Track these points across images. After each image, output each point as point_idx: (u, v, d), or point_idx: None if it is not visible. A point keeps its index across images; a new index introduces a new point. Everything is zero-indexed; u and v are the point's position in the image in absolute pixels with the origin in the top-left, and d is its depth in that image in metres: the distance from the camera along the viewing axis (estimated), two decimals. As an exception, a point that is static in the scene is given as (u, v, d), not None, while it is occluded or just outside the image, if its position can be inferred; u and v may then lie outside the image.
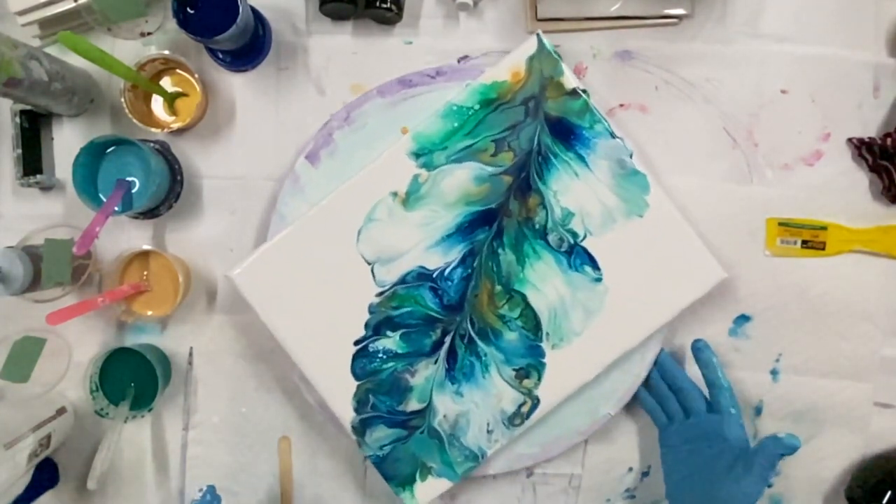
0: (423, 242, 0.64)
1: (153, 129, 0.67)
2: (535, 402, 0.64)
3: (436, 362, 0.65)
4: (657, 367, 0.67)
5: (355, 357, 0.65)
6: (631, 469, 0.71)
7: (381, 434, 0.65)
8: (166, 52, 0.66)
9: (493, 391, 0.64)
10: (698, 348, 0.64)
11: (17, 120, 0.67)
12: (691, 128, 0.69)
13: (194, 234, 0.70)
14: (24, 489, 0.66)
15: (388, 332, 0.64)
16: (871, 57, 0.69)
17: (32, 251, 0.63)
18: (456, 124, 0.64)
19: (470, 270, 0.64)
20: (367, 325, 0.64)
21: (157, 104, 0.70)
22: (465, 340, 0.64)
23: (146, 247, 0.67)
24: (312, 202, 0.66)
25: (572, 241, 0.64)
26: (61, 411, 0.68)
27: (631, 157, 0.63)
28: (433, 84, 0.67)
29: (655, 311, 0.64)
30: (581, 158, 0.64)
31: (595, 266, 0.64)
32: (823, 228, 0.69)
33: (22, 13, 0.66)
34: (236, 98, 0.70)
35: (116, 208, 0.62)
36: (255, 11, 0.67)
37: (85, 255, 0.67)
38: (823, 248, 0.69)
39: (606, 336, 0.64)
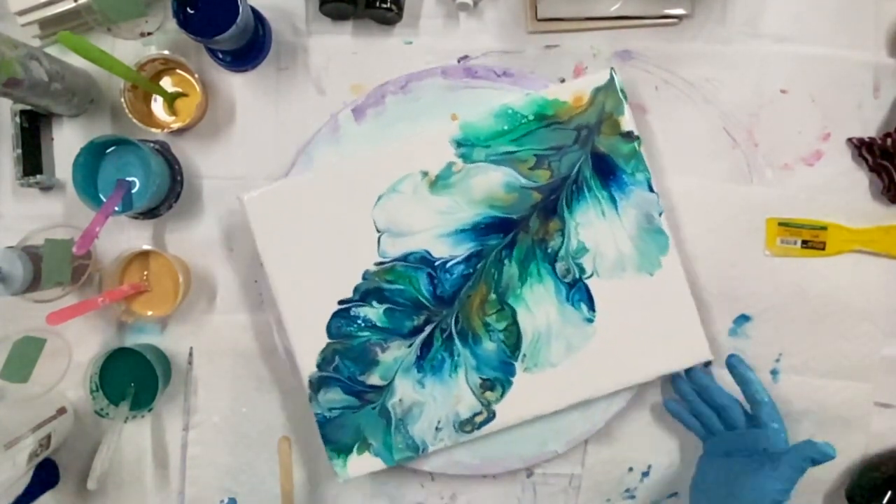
0: (436, 229, 0.64)
1: (153, 129, 0.67)
2: (491, 416, 0.64)
3: (409, 346, 0.64)
4: (693, 383, 0.66)
5: (335, 315, 0.64)
6: (631, 469, 0.71)
7: (334, 397, 0.65)
8: (166, 52, 0.66)
9: (455, 392, 0.64)
10: (733, 364, 0.63)
11: (17, 120, 0.67)
12: (691, 128, 0.69)
13: (194, 234, 0.70)
14: (24, 489, 0.66)
15: (374, 303, 0.64)
16: (871, 57, 0.69)
17: (32, 251, 0.63)
18: (505, 127, 0.64)
19: (471, 271, 0.64)
20: (356, 289, 0.64)
21: (157, 104, 0.70)
22: (444, 335, 0.64)
23: (146, 247, 0.67)
24: (343, 154, 0.66)
25: (577, 276, 0.64)
26: (61, 411, 0.68)
27: (660, 215, 0.63)
28: (497, 82, 0.67)
29: (633, 369, 0.65)
30: (613, 200, 0.64)
31: (591, 307, 0.64)
32: (823, 228, 0.69)
33: (22, 13, 0.66)
34: (236, 98, 0.70)
35: (116, 208, 0.62)
36: (255, 11, 0.67)
37: (85, 255, 0.67)
38: (823, 248, 0.69)
39: (579, 377, 0.64)
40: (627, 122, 0.63)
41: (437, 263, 0.64)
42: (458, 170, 0.64)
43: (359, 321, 0.64)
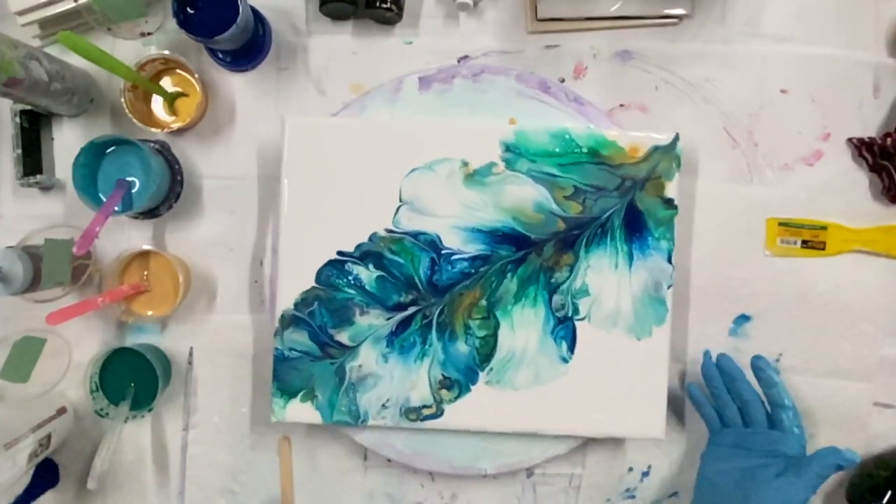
0: (455, 219, 0.64)
1: (153, 129, 0.67)
2: (438, 414, 0.65)
3: (387, 319, 0.64)
4: (721, 371, 0.65)
5: (329, 263, 0.64)
6: (631, 469, 0.71)
7: (300, 339, 0.64)
8: (166, 52, 0.66)
9: (413, 378, 0.64)
10: (759, 367, 0.62)
11: (17, 120, 0.67)
12: (691, 128, 0.69)
13: (194, 234, 0.70)
14: (24, 489, 0.66)
15: (371, 266, 0.64)
16: (871, 57, 0.69)
17: (32, 251, 0.63)
18: (557, 150, 0.64)
19: (473, 271, 0.64)
20: (358, 247, 0.64)
21: (157, 104, 0.70)
22: (424, 321, 0.64)
23: (146, 247, 0.67)
24: (394, 116, 0.66)
25: (570, 314, 0.64)
26: (61, 411, 0.68)
27: (669, 287, 0.64)
28: (565, 105, 0.67)
29: (586, 422, 0.65)
30: (630, 257, 0.64)
31: (571, 348, 0.64)
32: (823, 228, 0.69)
33: (22, 13, 0.66)
34: (236, 98, 0.70)
35: (116, 208, 0.62)
36: (255, 11, 0.67)
37: (85, 255, 0.67)
38: (823, 248, 0.69)
39: (535, 409, 0.64)
40: (673, 189, 0.64)
41: (443, 252, 0.64)
42: (497, 171, 0.64)
43: (350, 277, 0.64)
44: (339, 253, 0.64)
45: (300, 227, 0.64)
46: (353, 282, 0.64)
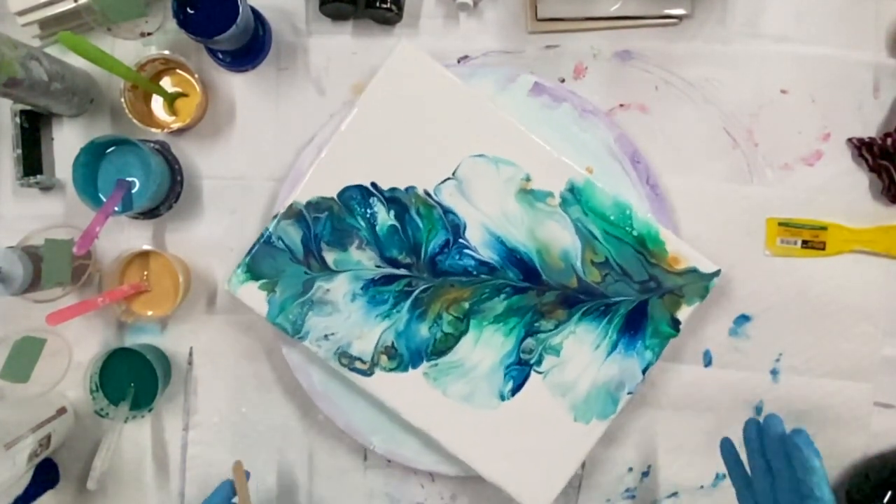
0: (488, 220, 0.64)
1: (153, 129, 0.67)
2: (366, 373, 0.64)
3: (376, 267, 0.64)
4: (761, 434, 0.56)
5: (358, 187, 0.64)
6: (631, 469, 0.71)
7: (292, 235, 0.64)
8: (166, 52, 0.66)
9: (365, 330, 0.64)
10: (798, 446, 0.51)
11: (17, 120, 0.67)
12: (691, 128, 0.69)
13: (194, 234, 0.70)
14: (24, 489, 0.66)
15: (391, 213, 0.64)
16: (871, 57, 0.69)
17: (32, 251, 0.63)
18: (612, 217, 0.63)
19: (474, 273, 0.64)
20: (392, 190, 0.64)
21: (157, 104, 0.70)
22: (406, 288, 0.64)
23: (146, 247, 0.67)
24: (494, 100, 0.65)
25: (531, 362, 0.64)
26: (61, 411, 0.68)
27: (629, 394, 0.64)
28: (639, 185, 0.67)
29: (487, 460, 0.65)
30: (613, 347, 0.64)
31: (514, 391, 0.64)
32: (823, 228, 0.69)
33: (22, 13, 0.66)
34: (236, 98, 0.70)
35: (116, 208, 0.62)
36: (255, 11, 0.67)
37: (85, 255, 0.67)
38: (823, 248, 0.69)
39: (450, 421, 0.64)
40: (686, 314, 0.64)
41: (460, 240, 0.64)
42: (550, 203, 0.64)
43: (368, 210, 0.64)
44: (373, 185, 0.64)
45: (353, 143, 0.64)
46: (368, 216, 0.64)
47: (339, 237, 0.64)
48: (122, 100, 0.66)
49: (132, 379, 0.67)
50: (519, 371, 0.64)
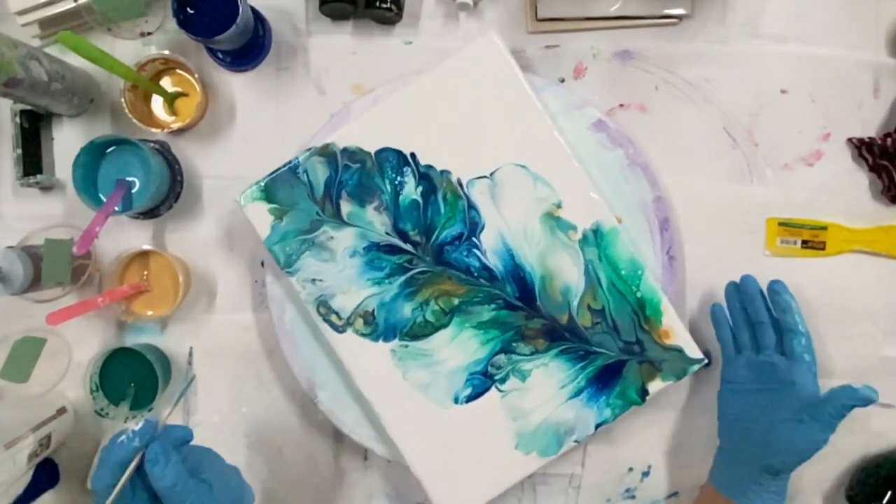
0: (507, 230, 0.63)
1: (153, 129, 0.67)
2: (339, 329, 0.64)
3: (386, 233, 0.64)
4: (740, 292, 0.64)
5: (398, 153, 0.63)
6: (631, 469, 0.71)
7: (318, 172, 0.63)
8: (166, 52, 0.66)
9: (352, 288, 0.64)
10: (776, 290, 0.61)
11: (17, 120, 0.67)
12: (691, 128, 0.69)
13: (194, 234, 0.70)
14: (24, 489, 0.66)
15: (419, 190, 0.63)
16: (871, 57, 0.69)
17: (32, 251, 0.63)
18: (623, 272, 0.63)
19: (474, 275, 0.64)
20: (428, 167, 0.63)
21: (157, 104, 0.70)
22: (405, 265, 0.64)
23: (146, 247, 0.67)
24: (556, 120, 0.64)
25: (496, 377, 0.64)
26: (61, 411, 0.68)
27: (575, 442, 0.64)
28: (659, 255, 0.67)
29: (419, 456, 0.64)
30: (578, 392, 0.64)
31: (469, 399, 0.64)
32: (823, 228, 0.69)
33: (22, 13, 0.66)
34: (236, 98, 0.70)
35: (116, 208, 0.62)
36: (255, 11, 0.67)
37: (85, 255, 0.67)
38: (823, 248, 0.69)
39: (397, 403, 0.64)
40: (657, 388, 0.64)
41: (474, 239, 0.64)
42: (571, 236, 0.63)
43: (398, 179, 0.63)
44: (412, 155, 0.63)
45: (408, 108, 0.63)
46: (396, 182, 0.64)
47: (362, 192, 0.64)
48: (122, 100, 0.66)
49: (132, 379, 0.67)
50: (481, 381, 0.64)
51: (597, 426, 0.64)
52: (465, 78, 0.64)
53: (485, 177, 0.64)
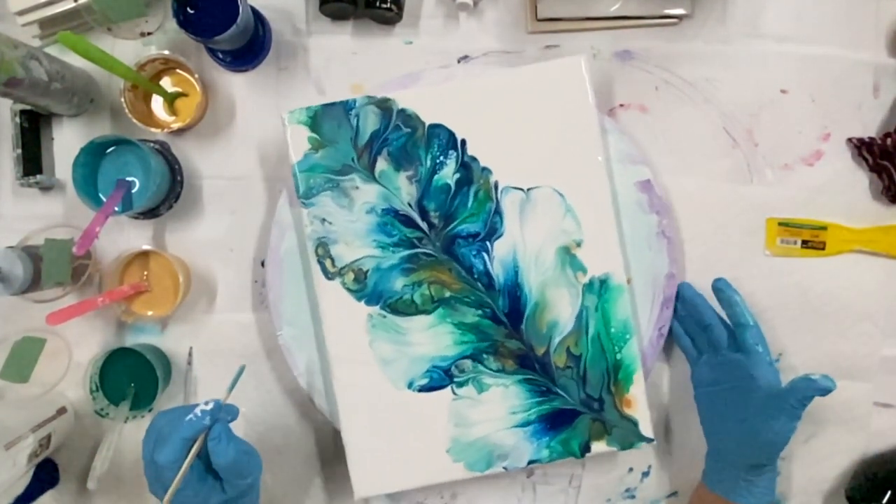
0: (520, 248, 0.64)
1: (153, 129, 0.67)
2: (328, 275, 0.63)
3: (407, 204, 0.63)
4: (683, 300, 0.66)
5: (449, 132, 0.63)
6: (631, 469, 0.71)
7: (368, 124, 0.63)
8: (166, 52, 0.66)
9: (355, 242, 0.64)
10: (719, 288, 0.63)
11: (17, 120, 0.67)
12: (691, 128, 0.69)
13: (194, 234, 0.70)
14: (24, 489, 0.66)
15: (456, 176, 0.63)
16: (871, 57, 0.69)
17: (32, 251, 0.63)
18: (612, 331, 0.63)
19: (474, 277, 0.64)
20: (474, 158, 0.63)
21: (157, 104, 0.70)
22: (413, 241, 0.63)
23: (146, 247, 0.67)
24: (610, 167, 0.65)
25: (454, 380, 0.64)
26: (61, 411, 0.68)
27: (503, 468, 0.64)
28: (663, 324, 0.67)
29: (355, 426, 0.64)
30: (525, 424, 0.64)
31: (421, 390, 0.64)
32: (823, 228, 0.69)
33: (22, 13, 0.66)
34: (236, 98, 0.70)
35: (116, 208, 0.62)
36: (255, 11, 0.67)
37: (85, 255, 0.67)
38: (823, 248, 0.69)
39: (349, 365, 0.64)
40: (598, 449, 0.64)
41: (487, 243, 0.64)
42: (577, 277, 0.63)
43: (440, 159, 0.63)
44: (462, 141, 0.63)
45: (475, 97, 0.63)
46: (437, 161, 0.63)
47: (401, 157, 0.64)
48: (122, 100, 0.66)
49: (132, 379, 0.67)
50: (440, 378, 0.64)
51: (529, 462, 0.64)
52: (541, 89, 0.63)
53: (521, 189, 0.64)
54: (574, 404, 0.64)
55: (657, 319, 0.67)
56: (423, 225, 0.64)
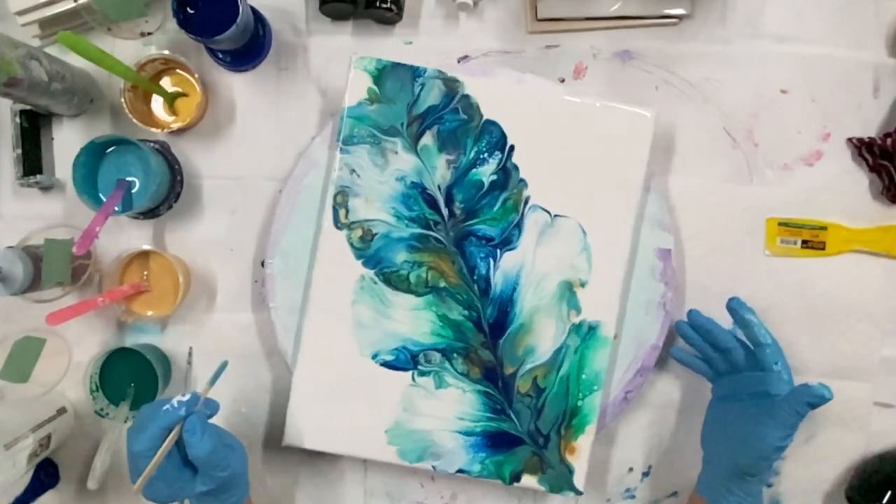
0: (527, 267, 0.64)
1: (153, 129, 0.67)
2: (338, 225, 0.64)
3: (437, 186, 0.64)
4: (695, 328, 0.65)
5: (502, 132, 0.64)
6: (631, 469, 0.71)
7: (429, 97, 0.64)
8: (166, 52, 0.66)
9: (375, 203, 0.64)
10: (733, 308, 0.61)
11: (17, 120, 0.67)
12: (691, 128, 0.69)
13: (194, 234, 0.70)
14: (24, 489, 0.66)
15: (493, 177, 0.64)
16: (871, 57, 0.69)
17: (32, 251, 0.63)
18: (583, 377, 0.64)
19: (473, 278, 0.64)
20: (517, 167, 0.64)
21: (157, 104, 0.70)
22: (429, 221, 0.64)
23: (146, 247, 0.67)
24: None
25: (418, 367, 0.64)
26: (61, 411, 0.68)
27: (432, 467, 0.64)
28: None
29: (307, 378, 0.65)
30: (467, 434, 0.64)
31: (384, 365, 0.64)
32: (823, 228, 0.69)
33: (22, 13, 0.66)
34: (236, 98, 0.70)
35: (116, 208, 0.62)
36: (255, 11, 0.67)
37: (85, 255, 0.67)
38: (823, 248, 0.69)
39: (327, 315, 0.64)
40: (528, 483, 0.64)
41: (498, 251, 0.64)
42: (569, 316, 0.64)
43: (484, 155, 0.64)
44: (511, 147, 0.64)
45: (539, 112, 0.64)
46: (482, 157, 0.64)
47: (448, 140, 0.64)
48: (122, 100, 0.66)
49: (132, 379, 0.67)
50: (405, 360, 0.64)
51: (458, 470, 0.64)
52: (603, 127, 0.64)
53: (548, 212, 0.64)
54: (521, 433, 0.64)
55: (627, 383, 0.67)
56: (445, 211, 0.64)
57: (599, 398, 0.64)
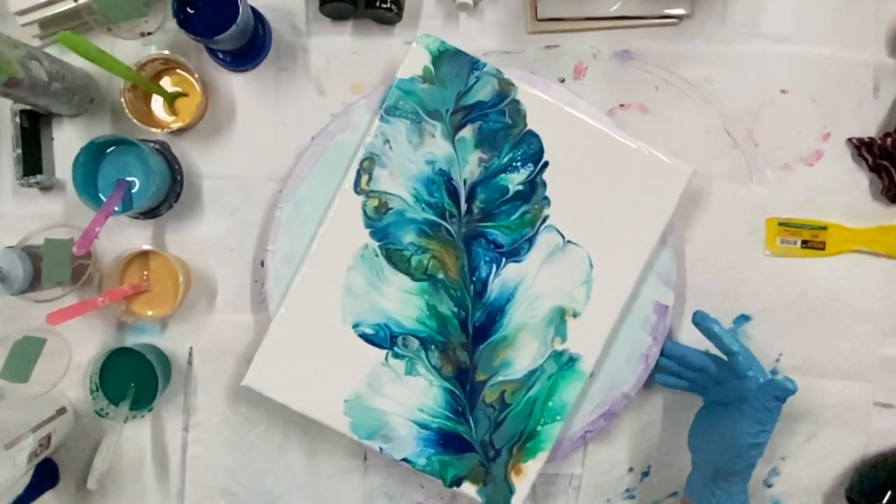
0: (528, 280, 0.64)
1: (153, 129, 0.67)
2: (356, 189, 0.64)
3: (464, 181, 0.64)
4: (670, 358, 0.66)
5: (540, 144, 0.64)
6: (631, 469, 0.71)
7: (481, 91, 0.64)
8: (166, 52, 0.66)
9: (398, 180, 0.64)
10: (697, 321, 0.62)
11: (17, 120, 0.67)
12: (691, 128, 0.69)
13: (194, 234, 0.70)
14: (24, 489, 0.66)
15: (520, 187, 0.64)
16: (871, 57, 0.69)
17: (32, 251, 0.63)
18: (550, 404, 0.64)
19: (472, 279, 0.64)
20: (546, 184, 0.64)
21: (157, 104, 0.70)
22: (446, 210, 0.64)
23: (146, 247, 0.67)
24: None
25: (395, 349, 0.64)
26: (61, 411, 0.68)
27: (379, 449, 0.64)
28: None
29: (282, 332, 0.65)
30: (422, 427, 0.64)
31: (362, 338, 0.64)
32: (823, 228, 0.69)
33: (22, 13, 0.66)
34: (236, 98, 0.70)
35: (116, 208, 0.62)
36: (255, 11, 0.67)
37: (85, 255, 0.67)
38: (823, 248, 0.69)
39: (316, 277, 0.64)
40: (467, 492, 0.64)
41: (504, 259, 0.64)
42: (553, 342, 0.64)
43: (517, 162, 0.64)
44: (545, 163, 0.64)
45: (581, 139, 0.64)
46: (515, 164, 0.64)
47: (486, 139, 0.64)
48: (122, 100, 0.66)
49: (132, 379, 0.67)
50: (384, 338, 0.64)
51: (403, 459, 0.64)
52: (638, 170, 0.64)
53: (562, 236, 0.64)
54: (474, 440, 0.64)
55: (589, 423, 0.67)
56: (464, 206, 0.64)
57: (559, 429, 0.64)
